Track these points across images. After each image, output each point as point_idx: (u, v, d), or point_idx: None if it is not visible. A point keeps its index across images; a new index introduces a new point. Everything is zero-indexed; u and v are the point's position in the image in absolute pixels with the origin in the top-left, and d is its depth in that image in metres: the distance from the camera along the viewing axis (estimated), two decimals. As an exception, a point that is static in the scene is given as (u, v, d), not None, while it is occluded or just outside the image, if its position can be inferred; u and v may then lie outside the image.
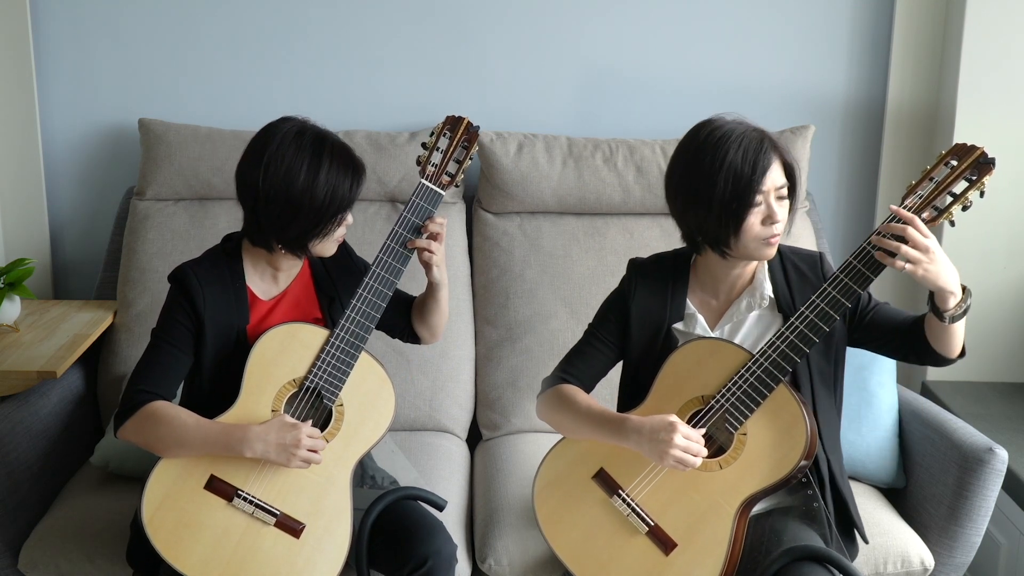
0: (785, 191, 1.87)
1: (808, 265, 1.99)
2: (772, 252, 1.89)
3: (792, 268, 1.98)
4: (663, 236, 2.78)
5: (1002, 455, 2.16)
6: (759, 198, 1.83)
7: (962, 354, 1.88)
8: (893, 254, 1.74)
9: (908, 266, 1.72)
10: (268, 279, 2.03)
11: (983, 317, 2.89)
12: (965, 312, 1.79)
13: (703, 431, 1.86)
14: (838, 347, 1.97)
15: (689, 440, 1.82)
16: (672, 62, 2.98)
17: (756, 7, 2.95)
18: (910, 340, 1.89)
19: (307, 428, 1.87)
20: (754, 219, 1.84)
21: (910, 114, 2.95)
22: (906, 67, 2.93)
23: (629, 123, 2.99)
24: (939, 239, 2.85)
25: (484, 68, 2.97)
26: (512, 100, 2.99)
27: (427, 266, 2.01)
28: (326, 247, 1.98)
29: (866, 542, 2.04)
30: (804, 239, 2.78)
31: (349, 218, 1.97)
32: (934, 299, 1.80)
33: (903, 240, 1.73)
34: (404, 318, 2.16)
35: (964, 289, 1.79)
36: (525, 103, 2.99)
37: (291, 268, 2.04)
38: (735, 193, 1.82)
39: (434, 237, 1.97)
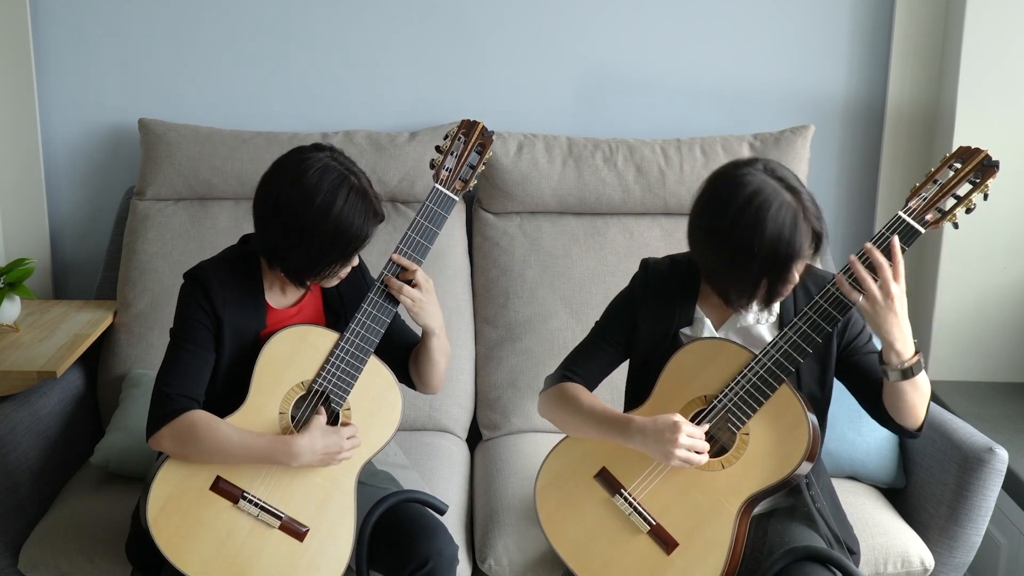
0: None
1: (818, 288, 1.94)
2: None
3: (802, 288, 1.95)
4: (663, 236, 2.78)
5: (1002, 455, 2.16)
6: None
7: (920, 430, 1.87)
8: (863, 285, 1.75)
9: (862, 300, 1.74)
10: (277, 288, 2.01)
11: (983, 317, 2.89)
12: (909, 375, 1.78)
13: (706, 427, 1.86)
14: (830, 374, 1.97)
15: (693, 438, 1.82)
16: (672, 62, 2.98)
17: (756, 7, 2.95)
18: (872, 396, 1.91)
19: (346, 431, 1.90)
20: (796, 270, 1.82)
21: (910, 114, 2.95)
22: (906, 67, 2.93)
23: (629, 123, 2.99)
24: (940, 241, 2.85)
25: (484, 68, 2.97)
26: (512, 100, 2.99)
27: (410, 311, 1.96)
28: (324, 281, 1.95)
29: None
30: (804, 239, 2.78)
31: (355, 260, 1.95)
32: (881, 352, 1.81)
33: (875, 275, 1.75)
34: (396, 358, 2.08)
35: (917, 354, 1.79)
36: (525, 103, 2.99)
37: None
38: (771, 269, 1.77)
39: (410, 284, 1.93)
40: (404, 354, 2.09)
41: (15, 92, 2.88)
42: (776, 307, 1.96)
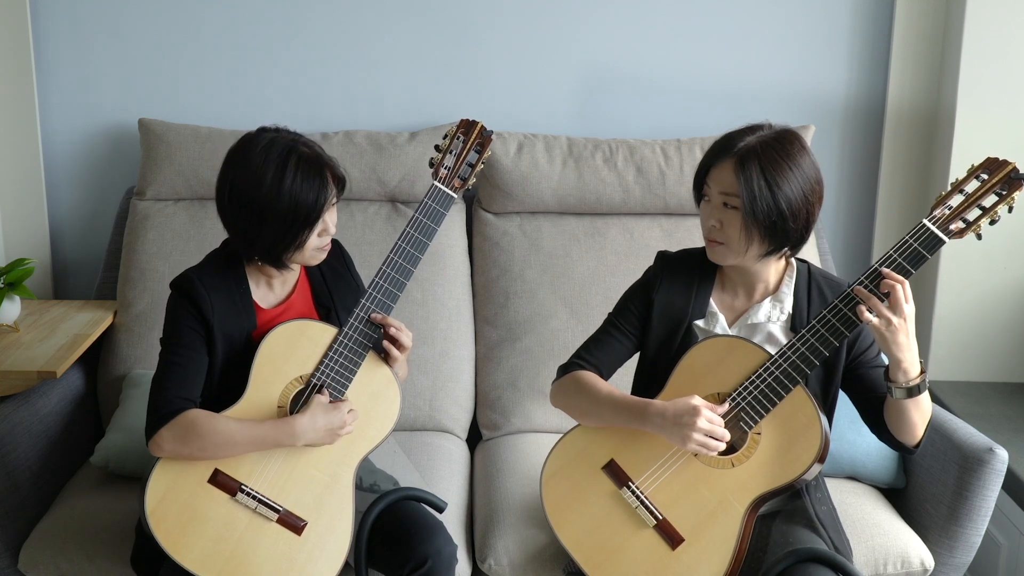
0: (735, 201, 1.84)
1: (834, 293, 1.95)
2: (716, 255, 1.92)
3: (817, 292, 1.97)
4: (663, 236, 2.78)
5: (1002, 455, 2.16)
6: (704, 189, 1.90)
7: (917, 446, 1.89)
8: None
9: (875, 320, 1.75)
10: (264, 287, 2.03)
11: (983, 317, 2.89)
12: (914, 393, 1.80)
13: (726, 406, 1.86)
14: (836, 380, 1.97)
15: (712, 424, 1.82)
16: (672, 62, 2.98)
17: (756, 7, 2.96)
18: (875, 411, 1.91)
19: (345, 406, 1.92)
20: (704, 212, 1.91)
21: (910, 114, 2.96)
22: (906, 67, 2.94)
23: (629, 123, 2.99)
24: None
25: (484, 68, 2.98)
26: (512, 100, 2.99)
27: (387, 357, 1.99)
28: (307, 258, 1.97)
29: None
30: (804, 239, 2.78)
31: (331, 228, 1.96)
32: (887, 370, 1.82)
33: (884, 296, 1.76)
34: None
35: (922, 373, 1.81)
36: (525, 103, 2.99)
37: (284, 276, 2.03)
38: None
39: (393, 341, 1.96)
40: None
41: (15, 92, 2.88)
42: (788, 306, 1.96)
